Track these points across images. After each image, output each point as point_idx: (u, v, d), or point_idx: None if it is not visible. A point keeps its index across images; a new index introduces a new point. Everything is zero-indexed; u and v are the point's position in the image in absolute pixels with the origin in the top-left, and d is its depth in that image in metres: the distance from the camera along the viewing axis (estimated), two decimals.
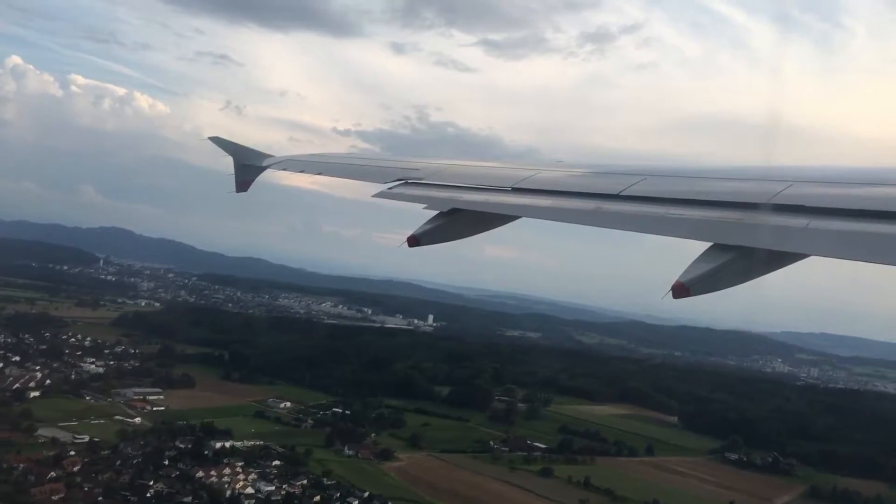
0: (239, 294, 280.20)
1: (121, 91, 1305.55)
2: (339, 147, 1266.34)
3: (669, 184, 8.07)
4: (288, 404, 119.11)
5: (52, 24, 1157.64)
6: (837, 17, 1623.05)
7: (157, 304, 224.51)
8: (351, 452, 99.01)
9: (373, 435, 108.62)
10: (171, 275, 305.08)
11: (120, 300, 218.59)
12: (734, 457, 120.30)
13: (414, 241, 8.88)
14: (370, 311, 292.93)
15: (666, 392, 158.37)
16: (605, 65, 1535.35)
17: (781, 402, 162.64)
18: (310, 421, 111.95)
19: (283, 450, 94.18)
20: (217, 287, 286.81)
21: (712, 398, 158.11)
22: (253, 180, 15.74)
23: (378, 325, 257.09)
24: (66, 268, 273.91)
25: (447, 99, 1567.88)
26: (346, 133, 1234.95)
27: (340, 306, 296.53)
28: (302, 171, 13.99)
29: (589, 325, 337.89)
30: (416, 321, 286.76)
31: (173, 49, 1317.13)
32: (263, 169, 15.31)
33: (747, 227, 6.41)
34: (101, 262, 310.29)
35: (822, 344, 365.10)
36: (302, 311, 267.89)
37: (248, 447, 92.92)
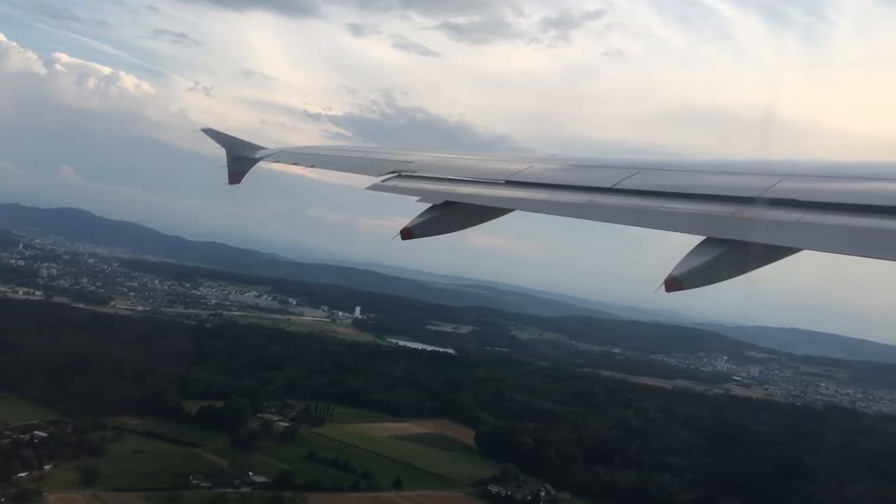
0: (157, 282, 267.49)
1: (106, 70, 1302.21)
2: (312, 130, 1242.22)
3: (663, 178, 8.12)
4: None
5: None
6: (822, 11, 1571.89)
7: (37, 294, 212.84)
8: None
9: (46, 468, 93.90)
10: (91, 260, 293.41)
11: None
12: (496, 489, 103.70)
13: (407, 234, 8.94)
14: (295, 302, 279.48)
15: (495, 406, 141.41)
16: (573, 51, 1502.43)
17: (630, 415, 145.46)
18: None
19: None
20: (137, 274, 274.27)
21: (550, 412, 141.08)
22: (246, 172, 15.62)
23: (284, 318, 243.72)
24: None
25: (413, 83, 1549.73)
26: (317, 117, 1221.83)
27: (265, 296, 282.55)
28: (295, 164, 14.24)
29: (533, 318, 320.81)
30: (341, 313, 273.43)
31: (131, 26, 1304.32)
32: (256, 161, 15.35)
33: (740, 221, 6.49)
34: (21, 245, 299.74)
35: (789, 339, 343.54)
36: (213, 302, 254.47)
37: None
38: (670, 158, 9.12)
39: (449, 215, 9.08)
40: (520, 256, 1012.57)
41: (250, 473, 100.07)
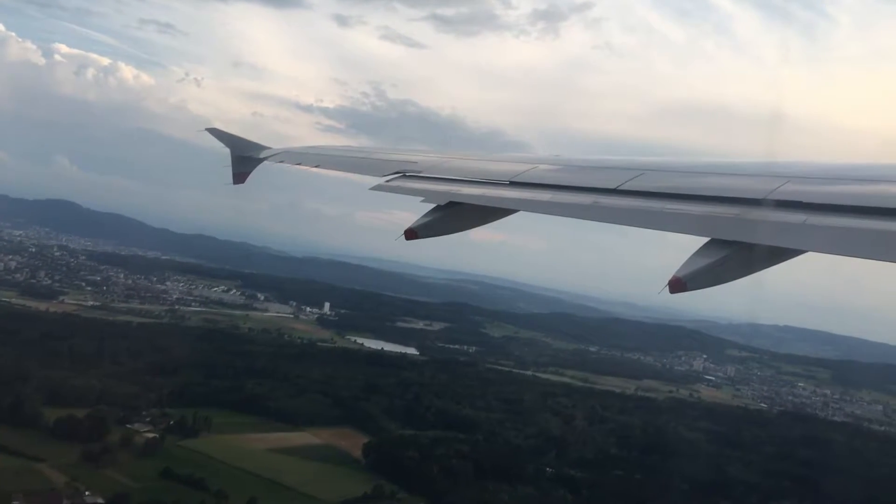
0: (121, 276, 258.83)
1: (104, 61, 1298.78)
2: (305, 122, 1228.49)
3: (667, 179, 8.04)
4: None
5: None
6: (822, 7, 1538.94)
7: None
8: None
9: None
10: (58, 252, 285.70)
11: None
12: None
13: (411, 234, 8.90)
14: (263, 298, 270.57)
15: (407, 413, 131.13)
16: (563, 44, 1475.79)
17: (555, 422, 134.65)
18: None
19: None
20: (103, 267, 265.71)
21: (468, 419, 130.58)
22: (250, 172, 15.59)
23: (244, 314, 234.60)
24: None
25: (402, 76, 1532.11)
26: (309, 108, 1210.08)
27: (234, 291, 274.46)
28: (299, 164, 14.07)
29: (511, 315, 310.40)
30: (308, 309, 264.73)
31: (116, 16, 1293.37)
32: (261, 161, 15.36)
33: (745, 222, 6.47)
34: None
35: (782, 337, 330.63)
36: (174, 297, 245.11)
37: None
38: (674, 160, 9.06)
39: (453, 216, 9.08)
40: (519, 251, 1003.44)
41: (86, 493, 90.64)
